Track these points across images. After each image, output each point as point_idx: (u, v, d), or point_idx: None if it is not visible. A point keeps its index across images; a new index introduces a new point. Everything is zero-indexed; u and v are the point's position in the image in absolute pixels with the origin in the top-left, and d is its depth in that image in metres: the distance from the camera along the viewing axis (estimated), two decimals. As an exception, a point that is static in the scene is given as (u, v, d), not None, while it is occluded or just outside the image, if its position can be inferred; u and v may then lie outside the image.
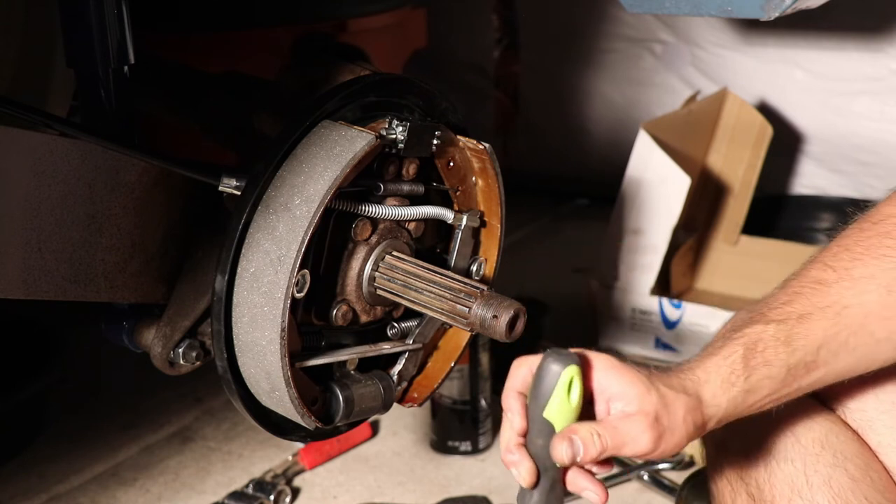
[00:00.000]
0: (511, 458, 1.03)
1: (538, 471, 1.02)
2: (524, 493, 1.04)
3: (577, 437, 0.99)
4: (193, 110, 1.57)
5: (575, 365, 1.00)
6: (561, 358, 1.00)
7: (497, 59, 3.16)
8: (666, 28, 2.84)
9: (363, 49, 1.64)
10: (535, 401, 1.01)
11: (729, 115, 2.49)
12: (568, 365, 0.99)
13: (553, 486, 1.03)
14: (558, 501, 1.04)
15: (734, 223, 2.48)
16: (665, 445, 1.01)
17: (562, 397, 1.00)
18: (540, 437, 1.01)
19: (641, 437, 1.00)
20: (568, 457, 0.99)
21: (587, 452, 0.99)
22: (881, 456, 1.17)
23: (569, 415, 1.01)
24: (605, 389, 1.02)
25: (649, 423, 1.00)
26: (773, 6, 1.28)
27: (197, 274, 1.38)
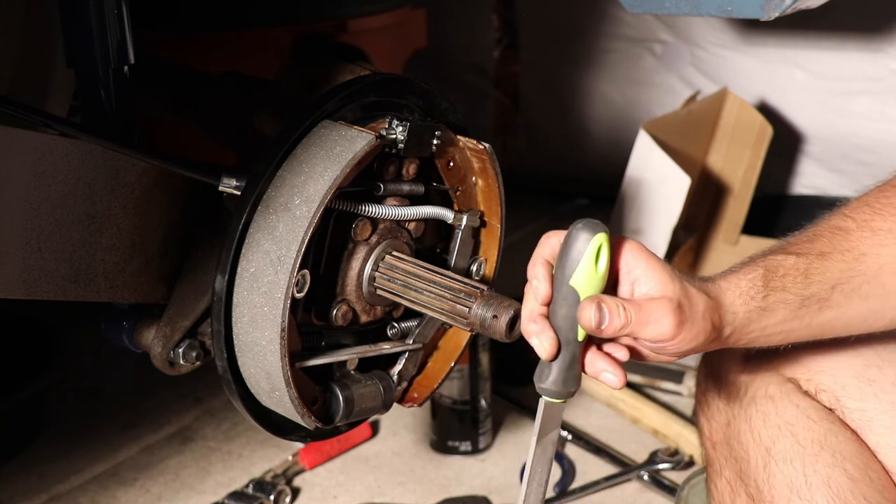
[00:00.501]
0: (533, 327, 1.02)
1: (559, 342, 1.01)
2: (542, 369, 1.03)
3: (605, 304, 0.99)
4: (193, 110, 1.57)
5: (604, 233, 0.99)
6: (591, 226, 0.99)
7: (497, 59, 3.16)
8: (666, 28, 2.84)
9: (363, 49, 1.64)
10: (561, 268, 1.00)
11: (729, 115, 2.49)
12: (598, 232, 0.99)
13: (572, 363, 1.02)
14: (576, 380, 1.03)
15: (734, 223, 2.48)
16: (684, 335, 1.01)
17: (590, 264, 0.99)
18: (564, 305, 1.00)
19: (664, 320, 1.00)
20: (595, 321, 0.99)
21: (612, 321, 0.99)
22: (880, 456, 1.17)
23: (595, 284, 1.00)
24: (632, 271, 1.03)
25: (672, 308, 1.00)
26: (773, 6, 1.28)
27: (197, 274, 1.38)
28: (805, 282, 1.08)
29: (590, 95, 3.03)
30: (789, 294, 1.07)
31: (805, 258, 1.09)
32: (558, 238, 1.04)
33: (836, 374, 1.20)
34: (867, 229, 1.11)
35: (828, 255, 1.09)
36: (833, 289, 1.08)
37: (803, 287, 1.07)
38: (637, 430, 1.94)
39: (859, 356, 1.21)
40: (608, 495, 1.78)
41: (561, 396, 1.03)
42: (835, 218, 1.14)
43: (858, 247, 1.10)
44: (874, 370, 1.20)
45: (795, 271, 1.08)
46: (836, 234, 1.12)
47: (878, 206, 1.13)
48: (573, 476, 1.81)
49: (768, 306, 1.06)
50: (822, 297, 1.08)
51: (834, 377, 1.21)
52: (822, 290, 1.08)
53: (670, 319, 1.00)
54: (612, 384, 1.03)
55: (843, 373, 1.20)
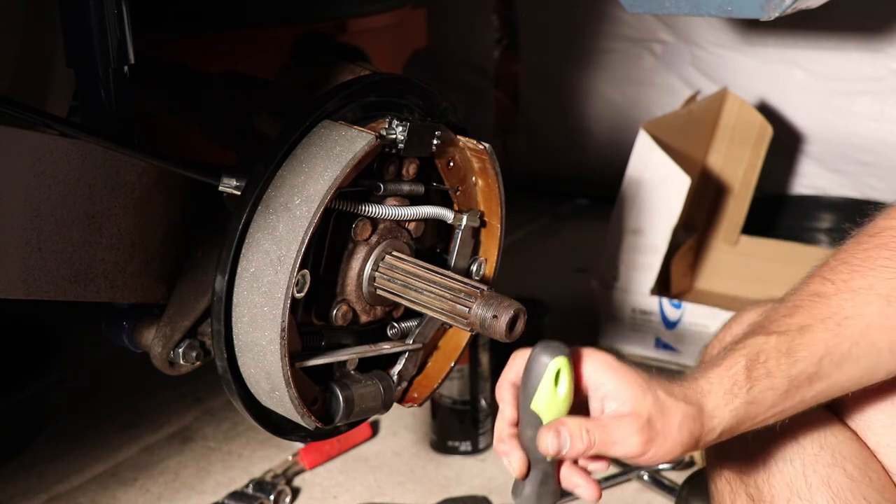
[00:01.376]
0: (502, 447, 1.03)
1: (529, 462, 1.02)
2: (517, 485, 1.04)
3: (565, 429, 0.99)
4: (193, 110, 1.57)
5: (564, 357, 1.00)
6: (550, 349, 1.00)
7: (497, 59, 3.16)
8: (666, 28, 2.84)
9: (363, 49, 1.64)
10: (524, 392, 1.01)
11: (729, 115, 2.49)
12: (556, 356, 0.99)
13: (545, 479, 1.03)
14: (552, 495, 1.04)
15: (734, 223, 2.48)
16: (656, 451, 1.00)
17: (549, 388, 1.00)
18: (529, 427, 1.02)
19: (631, 439, 0.99)
20: (553, 448, 0.99)
21: (573, 446, 0.99)
22: (880, 456, 1.17)
23: (557, 407, 1.01)
24: (600, 387, 1.02)
25: (641, 426, 0.99)
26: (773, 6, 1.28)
27: (197, 274, 1.38)
28: (790, 361, 1.05)
29: (590, 95, 3.03)
30: (776, 379, 1.04)
31: (786, 336, 1.06)
32: (523, 359, 1.03)
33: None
34: (847, 290, 1.08)
35: (809, 328, 1.06)
36: (821, 360, 1.06)
37: (789, 368, 1.05)
38: (637, 430, 1.94)
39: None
40: (608, 495, 1.77)
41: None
42: (813, 283, 1.11)
43: (840, 311, 1.07)
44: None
45: (778, 353, 1.05)
46: (816, 302, 1.08)
47: (856, 262, 1.10)
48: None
49: (754, 398, 1.04)
50: (811, 372, 1.06)
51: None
52: (809, 365, 1.05)
53: (638, 438, 0.99)
54: (586, 498, 1.03)
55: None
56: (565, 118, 3.09)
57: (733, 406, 1.03)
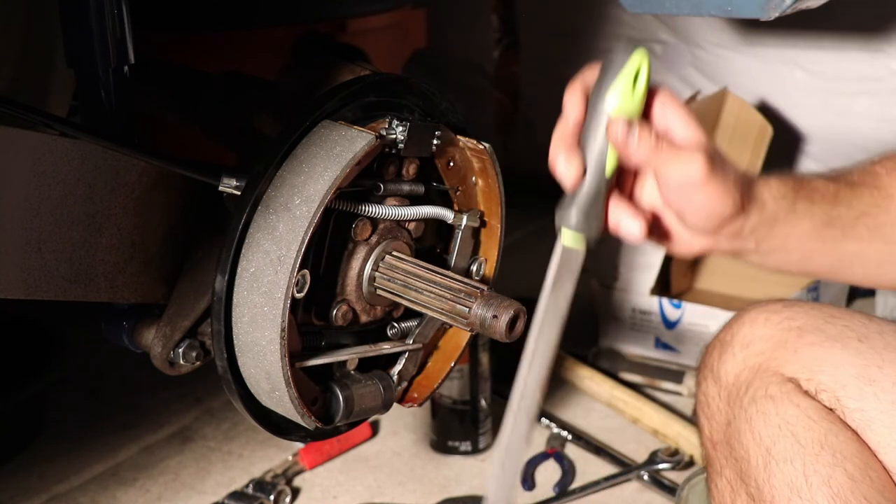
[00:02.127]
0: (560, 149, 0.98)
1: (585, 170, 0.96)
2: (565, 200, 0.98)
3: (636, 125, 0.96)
4: (193, 110, 1.57)
5: (646, 55, 0.95)
6: (632, 45, 0.95)
7: (497, 59, 3.16)
8: (666, 28, 2.84)
9: (363, 49, 1.64)
10: (597, 88, 0.95)
11: (729, 115, 2.48)
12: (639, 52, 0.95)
13: (597, 198, 0.97)
14: (598, 220, 0.98)
15: (734, 223, 2.47)
16: (712, 188, 0.98)
17: (627, 84, 0.94)
18: (595, 129, 0.95)
19: (695, 159, 0.97)
20: (622, 136, 0.95)
21: (641, 144, 0.95)
22: (880, 456, 1.17)
23: (631, 106, 0.95)
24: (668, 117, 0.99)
25: (704, 154, 0.97)
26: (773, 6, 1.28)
27: (197, 274, 1.38)
28: (833, 202, 1.07)
29: (590, 95, 3.02)
30: (816, 208, 1.06)
31: (836, 183, 1.09)
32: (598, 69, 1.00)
33: (836, 374, 1.20)
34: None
35: (858, 186, 1.09)
36: (858, 218, 1.08)
37: (831, 206, 1.07)
38: (637, 430, 1.94)
39: (859, 356, 1.21)
40: (608, 495, 1.78)
41: (582, 230, 0.98)
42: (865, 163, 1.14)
43: (888, 188, 1.10)
44: (874, 370, 1.20)
45: (825, 190, 1.07)
46: (867, 173, 1.12)
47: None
48: (573, 476, 1.81)
49: (795, 210, 1.05)
50: (847, 224, 1.08)
51: (834, 377, 1.20)
52: (848, 215, 1.08)
53: (701, 162, 0.97)
54: (631, 232, 0.99)
55: (843, 373, 1.20)
56: (565, 118, 3.09)
57: (776, 204, 1.04)
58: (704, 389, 1.31)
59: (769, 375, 1.23)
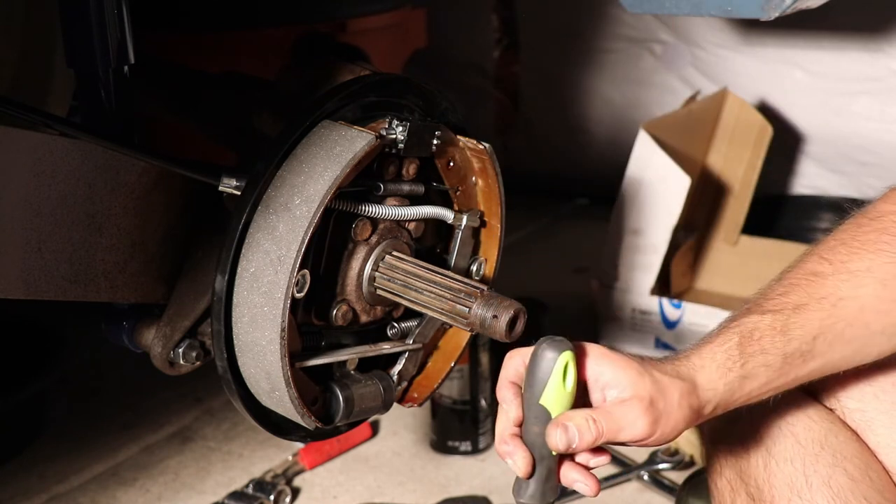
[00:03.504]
0: (506, 448, 1.02)
1: (534, 460, 1.02)
2: (520, 484, 1.04)
3: (572, 423, 0.99)
4: (193, 110, 1.57)
5: (569, 350, 1.00)
6: (555, 344, 1.00)
7: (497, 59, 3.16)
8: (666, 28, 2.84)
9: (363, 49, 1.64)
10: (530, 388, 1.01)
11: (729, 115, 2.49)
12: (563, 351, 1.00)
13: (549, 476, 1.03)
14: (553, 492, 1.04)
15: (734, 223, 2.48)
16: (662, 430, 1.01)
17: (557, 383, 1.00)
18: (536, 424, 1.02)
19: (637, 422, 1.00)
20: (563, 443, 0.99)
21: (582, 438, 0.99)
22: (880, 456, 1.17)
23: (564, 401, 1.01)
24: (599, 377, 1.02)
25: (644, 408, 1.00)
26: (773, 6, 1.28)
27: (197, 274, 1.38)
28: (784, 339, 1.06)
29: (590, 95, 3.03)
30: (769, 356, 1.05)
31: (781, 314, 1.07)
32: (522, 357, 1.04)
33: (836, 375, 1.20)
34: (844, 272, 1.09)
35: (804, 307, 1.07)
36: (815, 339, 1.07)
37: (783, 345, 1.06)
38: (637, 430, 1.94)
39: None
40: (608, 495, 1.78)
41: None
42: (810, 262, 1.11)
43: (836, 292, 1.08)
44: (874, 370, 1.20)
45: (772, 331, 1.06)
46: (812, 282, 1.09)
47: (856, 244, 1.10)
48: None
49: (748, 373, 1.05)
50: (805, 350, 1.06)
51: (834, 378, 1.20)
52: (803, 343, 1.06)
53: (644, 420, 1.00)
54: (586, 493, 1.03)
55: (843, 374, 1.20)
56: (565, 118, 3.09)
57: (727, 380, 1.04)
58: (704, 389, 1.31)
59: (769, 376, 1.23)
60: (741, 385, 1.05)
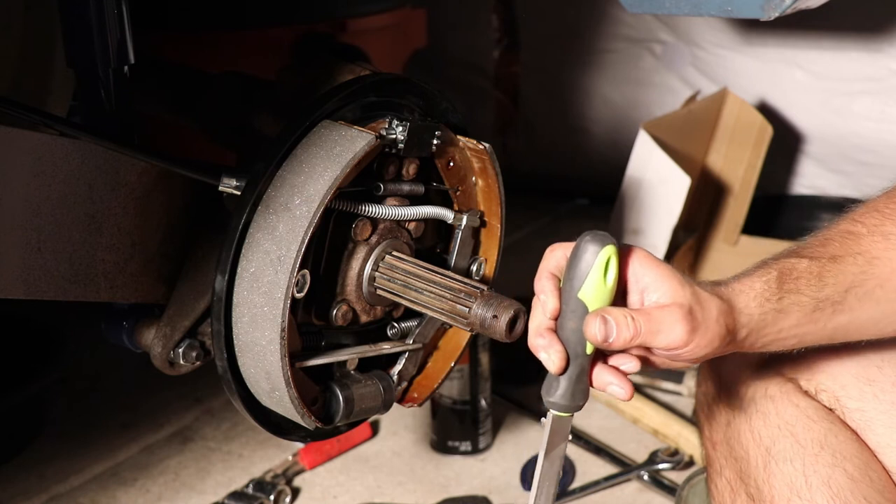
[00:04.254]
0: (541, 341, 1.00)
1: (568, 356, 1.00)
2: (550, 382, 1.01)
3: (611, 316, 0.98)
4: (193, 110, 1.57)
5: (612, 245, 0.98)
6: (598, 237, 0.98)
7: (497, 59, 3.16)
8: (666, 28, 2.84)
9: (363, 49, 1.64)
10: (569, 281, 0.99)
11: (729, 115, 2.49)
12: (606, 245, 0.98)
13: (581, 377, 1.01)
14: (584, 394, 1.01)
15: (734, 223, 2.48)
16: (698, 341, 1.00)
17: (598, 277, 0.98)
18: (573, 319, 0.99)
19: (675, 327, 0.99)
20: (601, 335, 0.98)
21: (620, 334, 0.98)
22: (880, 456, 1.17)
23: (604, 297, 0.99)
24: (640, 280, 1.02)
25: (683, 314, 0.99)
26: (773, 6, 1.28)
27: (197, 274, 1.38)
28: (819, 284, 1.07)
29: (590, 95, 3.03)
30: (803, 297, 1.06)
31: (818, 262, 1.08)
32: (563, 251, 1.03)
33: (836, 374, 1.20)
34: (878, 234, 1.10)
35: (840, 259, 1.09)
36: (847, 292, 1.08)
37: (817, 290, 1.07)
38: (637, 430, 1.94)
39: (859, 356, 1.21)
40: (608, 495, 1.77)
41: (569, 410, 1.02)
42: (844, 223, 1.13)
43: (870, 250, 1.09)
44: (874, 370, 1.20)
45: (809, 274, 1.07)
46: (848, 238, 1.11)
47: (888, 211, 1.13)
48: (573, 476, 1.81)
49: (783, 308, 1.05)
50: (836, 301, 1.07)
51: (834, 377, 1.21)
52: (835, 292, 1.07)
53: (682, 326, 0.99)
54: (619, 396, 1.02)
55: (842, 373, 1.20)
56: (565, 118, 3.09)
57: (763, 309, 1.04)
58: (704, 389, 1.31)
59: (769, 376, 1.23)
60: (775, 318, 1.05)
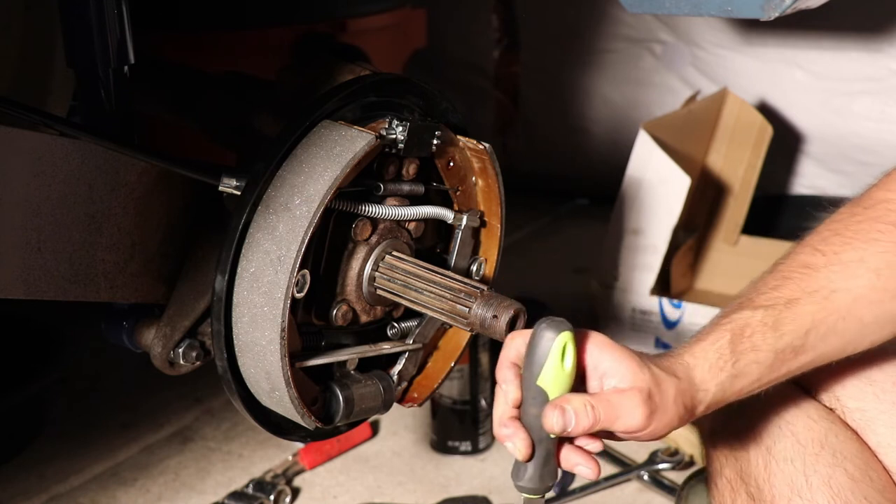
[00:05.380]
0: (505, 431, 1.02)
1: (533, 443, 1.01)
2: (518, 467, 1.03)
3: (570, 406, 0.99)
4: (193, 110, 1.57)
5: (569, 331, 1.00)
6: (555, 324, 1.00)
7: (497, 59, 3.16)
8: (666, 28, 2.84)
9: (363, 49, 1.64)
10: (529, 369, 1.01)
11: (729, 115, 2.49)
12: (562, 331, 1.00)
13: (548, 460, 1.02)
14: (552, 475, 1.03)
15: (734, 223, 2.48)
16: (657, 424, 1.01)
17: (556, 363, 0.99)
18: (534, 406, 1.01)
19: (634, 412, 1.00)
20: (559, 426, 0.99)
21: (579, 422, 0.99)
22: (881, 456, 1.17)
23: (563, 382, 1.00)
24: (599, 365, 1.02)
25: (642, 399, 1.00)
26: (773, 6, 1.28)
27: (197, 274, 1.38)
28: (776, 335, 1.05)
29: (590, 95, 3.03)
30: (761, 353, 1.05)
31: (773, 310, 1.06)
32: (523, 339, 1.03)
33: (836, 374, 1.20)
34: (836, 263, 1.08)
35: (796, 302, 1.07)
36: (807, 334, 1.06)
37: (775, 341, 1.05)
38: (637, 430, 1.94)
39: (860, 356, 1.21)
40: (608, 495, 1.78)
41: (539, 493, 1.04)
42: (803, 253, 1.11)
43: (828, 285, 1.07)
44: (875, 370, 1.20)
45: (764, 327, 1.05)
46: (805, 274, 1.08)
47: (849, 234, 1.10)
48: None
49: (740, 372, 1.05)
50: (797, 345, 1.06)
51: (834, 377, 1.20)
52: (795, 338, 1.06)
53: (641, 411, 0.99)
54: (587, 476, 1.03)
55: (843, 372, 1.20)
56: (565, 118, 3.09)
57: (719, 379, 1.04)
58: (704, 389, 1.31)
59: (769, 375, 1.23)
60: (732, 383, 1.05)
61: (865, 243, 1.09)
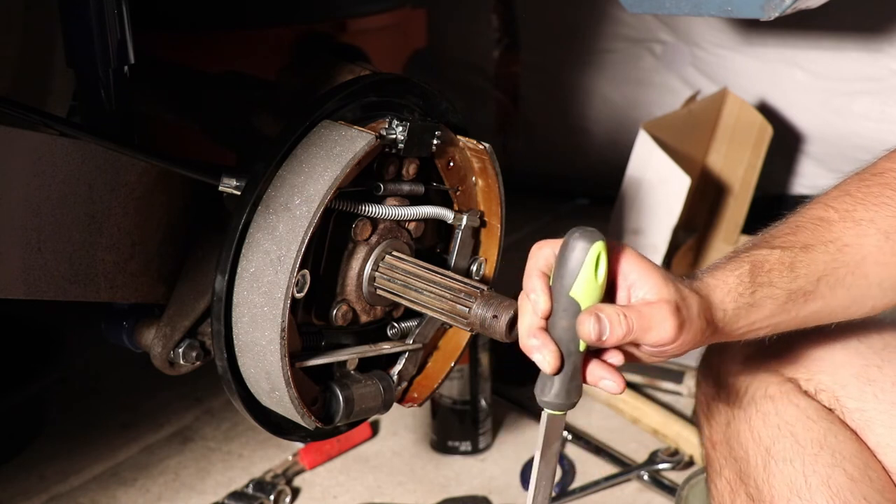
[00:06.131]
0: (534, 342, 0.99)
1: (562, 355, 0.99)
2: (545, 382, 1.01)
3: (604, 314, 0.97)
4: (193, 110, 1.57)
5: (602, 241, 0.97)
6: (587, 234, 0.97)
7: (497, 59, 3.16)
8: (666, 28, 2.84)
9: (363, 49, 1.64)
10: (560, 279, 0.98)
11: (729, 115, 2.49)
12: (595, 241, 0.97)
13: (574, 374, 1.00)
14: (578, 391, 1.01)
15: (734, 223, 2.48)
16: (685, 336, 1.00)
17: (589, 274, 0.97)
18: (565, 317, 0.98)
19: (665, 324, 0.99)
20: (595, 333, 0.97)
21: (613, 331, 0.97)
22: (880, 456, 1.17)
23: (595, 293, 0.98)
24: (627, 276, 1.01)
25: (672, 311, 0.99)
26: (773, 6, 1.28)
27: (197, 274, 1.38)
28: (791, 275, 1.07)
29: (590, 95, 3.03)
30: (776, 289, 1.06)
31: (790, 251, 1.08)
32: (552, 248, 1.02)
33: (835, 374, 1.21)
34: (849, 220, 1.11)
35: (812, 248, 1.09)
36: (818, 281, 1.08)
37: (790, 281, 1.07)
38: (637, 430, 1.94)
39: (859, 356, 1.21)
40: (608, 495, 1.78)
41: (565, 408, 1.02)
42: (816, 208, 1.13)
43: (841, 238, 1.10)
44: (874, 370, 1.20)
45: (781, 265, 1.07)
46: (819, 226, 1.11)
47: (860, 195, 1.13)
48: (573, 476, 1.81)
49: (756, 302, 1.05)
50: (808, 290, 1.08)
51: (833, 377, 1.21)
52: (808, 282, 1.07)
53: (671, 323, 0.99)
54: (612, 391, 1.02)
55: (842, 373, 1.20)
56: (565, 118, 3.09)
57: (737, 304, 1.04)
58: (704, 390, 1.31)
59: (768, 376, 1.23)
60: (748, 312, 1.05)
61: (876, 206, 1.11)
